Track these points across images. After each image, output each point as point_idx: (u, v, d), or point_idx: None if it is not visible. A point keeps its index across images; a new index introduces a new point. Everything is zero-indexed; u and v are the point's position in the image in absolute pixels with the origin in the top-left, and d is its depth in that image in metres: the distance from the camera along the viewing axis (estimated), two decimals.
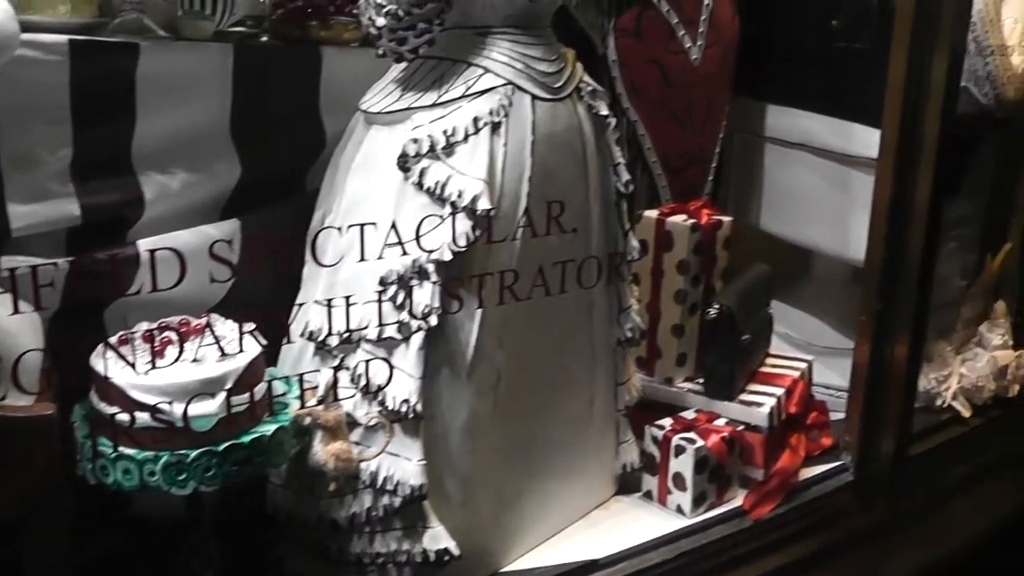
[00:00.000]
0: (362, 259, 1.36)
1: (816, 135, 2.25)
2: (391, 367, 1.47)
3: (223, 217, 1.69)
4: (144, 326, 1.44)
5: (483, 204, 1.45)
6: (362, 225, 1.38)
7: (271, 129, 1.71)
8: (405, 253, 1.43)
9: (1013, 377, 2.51)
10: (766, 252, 2.51)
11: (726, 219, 2.00)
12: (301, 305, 1.59)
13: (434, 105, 1.53)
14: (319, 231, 1.58)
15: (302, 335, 1.55)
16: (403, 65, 1.60)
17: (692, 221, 1.93)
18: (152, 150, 1.63)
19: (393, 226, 1.42)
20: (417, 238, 1.43)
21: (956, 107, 1.95)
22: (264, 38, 1.75)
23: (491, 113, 1.51)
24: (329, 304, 1.43)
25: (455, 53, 1.57)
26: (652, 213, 1.97)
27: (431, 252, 1.45)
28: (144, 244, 1.58)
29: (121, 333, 1.40)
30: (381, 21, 1.50)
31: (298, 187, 1.75)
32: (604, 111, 1.67)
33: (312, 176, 1.76)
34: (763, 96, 2.36)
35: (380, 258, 1.38)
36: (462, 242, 1.45)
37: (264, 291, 1.57)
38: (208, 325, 1.42)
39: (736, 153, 2.44)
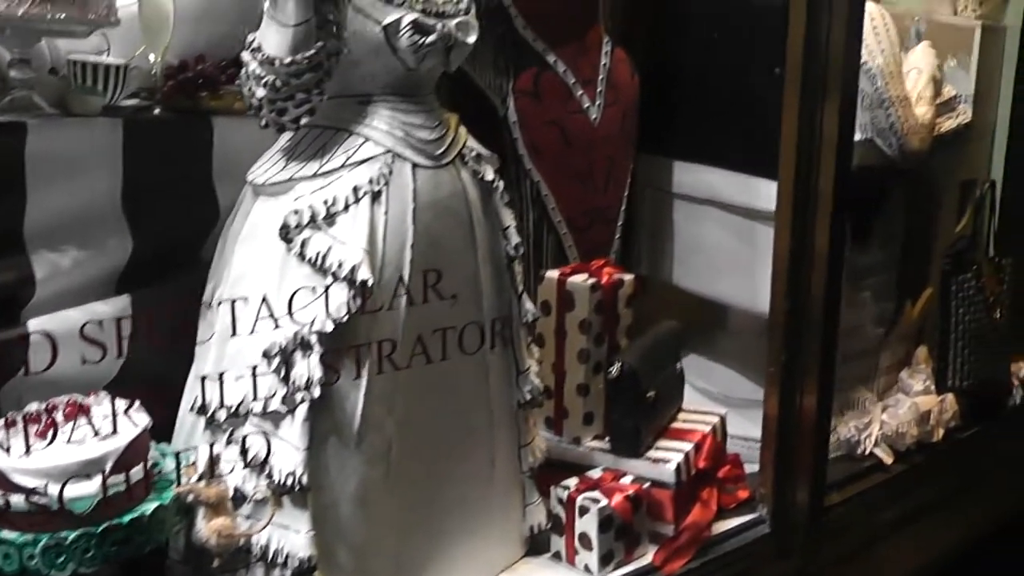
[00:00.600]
0: (252, 331, 1.39)
1: (721, 190, 2.30)
2: (277, 440, 1.49)
3: (117, 292, 1.71)
4: (33, 407, 1.46)
5: (362, 274, 1.49)
6: (245, 299, 1.41)
7: (163, 202, 1.74)
8: (288, 325, 1.45)
9: (936, 422, 2.56)
10: (686, 306, 2.56)
11: (627, 277, 2.04)
12: (195, 379, 1.60)
13: (315, 175, 1.57)
14: (208, 304, 1.60)
15: (191, 409, 1.56)
16: (289, 134, 1.63)
17: (592, 281, 1.97)
18: (43, 228, 1.66)
19: (275, 298, 1.44)
20: (293, 310, 1.45)
21: (851, 158, 2.01)
22: (157, 110, 1.78)
23: (371, 182, 1.55)
24: (218, 377, 1.46)
25: (337, 122, 1.61)
26: (553, 273, 2.01)
27: (313, 323, 1.48)
28: (34, 324, 1.59)
29: (9, 415, 1.42)
30: (260, 92, 1.54)
31: (193, 259, 1.77)
32: (490, 176, 1.71)
33: (208, 247, 1.79)
34: (670, 153, 2.42)
35: (263, 331, 1.40)
36: (342, 313, 1.48)
37: (158, 366, 1.59)
38: (91, 405, 1.44)
39: (647, 209, 2.49)
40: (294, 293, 1.45)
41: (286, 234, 1.53)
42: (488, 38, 2.13)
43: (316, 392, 1.49)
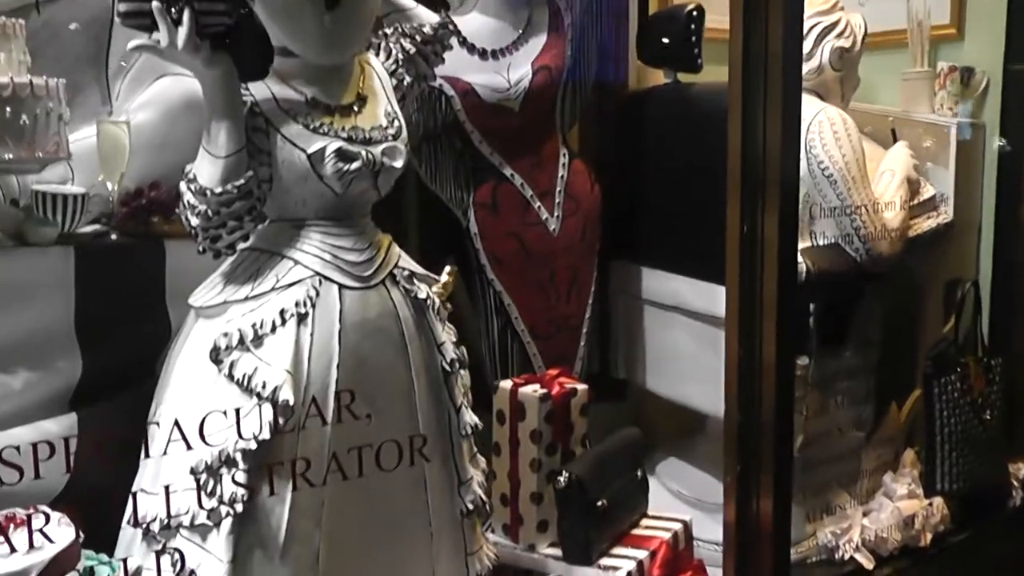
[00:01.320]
0: (186, 448, 1.47)
1: (686, 297, 2.36)
2: (203, 552, 1.56)
3: (70, 411, 1.81)
4: None
5: (284, 395, 1.57)
6: (179, 418, 1.49)
7: (116, 324, 1.84)
8: (215, 443, 1.53)
9: (923, 526, 2.53)
10: (665, 409, 2.60)
11: (580, 387, 2.10)
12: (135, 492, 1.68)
13: (247, 298, 1.66)
14: (149, 422, 1.69)
15: (129, 522, 1.64)
16: (232, 257, 1.73)
17: (543, 391, 2.03)
18: None
19: (206, 417, 1.52)
20: (221, 429, 1.53)
21: (795, 265, 2.06)
22: (113, 236, 1.90)
23: (298, 304, 1.64)
24: (153, 492, 1.54)
25: (272, 245, 1.71)
26: (507, 384, 2.07)
27: (238, 441, 1.55)
28: None
29: None
30: (195, 221, 1.65)
31: (144, 378, 1.86)
32: (423, 294, 1.79)
33: (161, 366, 1.88)
34: (639, 260, 2.48)
35: (194, 449, 1.48)
36: (266, 432, 1.55)
37: (104, 480, 1.67)
38: (29, 518, 1.52)
39: (621, 315, 2.55)
40: (223, 412, 1.53)
41: (216, 356, 1.62)
42: (448, 153, 2.24)
43: (239, 507, 1.56)
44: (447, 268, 2.16)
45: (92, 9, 1.98)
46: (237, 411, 1.52)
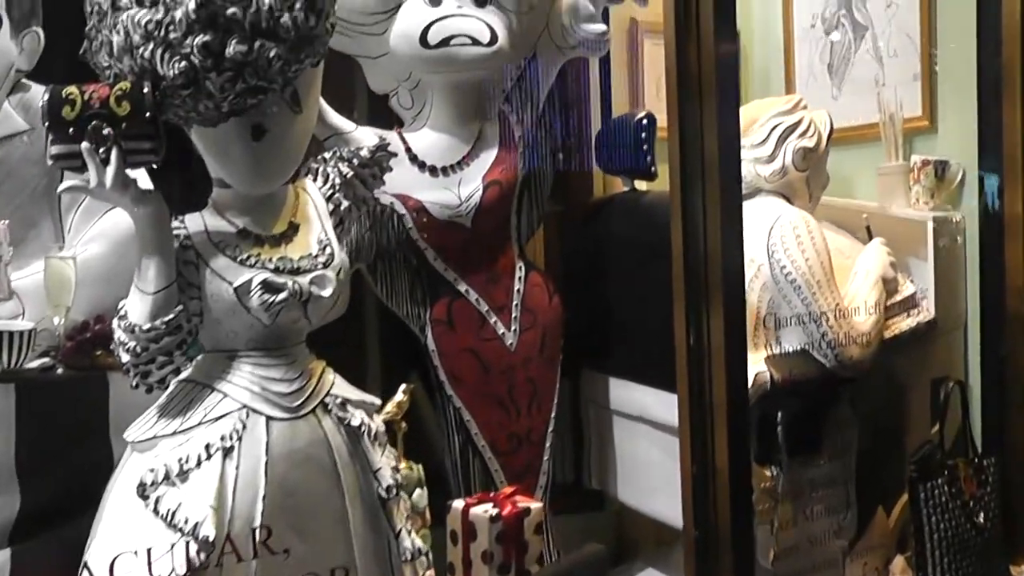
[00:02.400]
0: None
1: (650, 407, 2.37)
2: None
3: (7, 546, 1.83)
4: None
5: (205, 531, 1.58)
6: (110, 553, 1.52)
7: (57, 458, 1.88)
8: None
9: None
10: (646, 520, 2.57)
11: (535, 506, 2.09)
12: None
13: (175, 433, 1.70)
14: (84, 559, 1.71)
15: None
16: (169, 389, 1.76)
17: (494, 511, 2.02)
18: None
19: (134, 552, 1.54)
20: (148, 563, 1.54)
21: (744, 371, 2.06)
22: (59, 369, 1.94)
23: (223, 438, 1.67)
24: None
25: (204, 377, 1.75)
26: (459, 503, 2.08)
27: None
28: None
29: None
30: (125, 357, 1.68)
31: (85, 512, 1.88)
32: (356, 422, 1.80)
33: None
34: (605, 369, 2.48)
35: None
36: (181, 568, 1.56)
37: None
38: None
39: (591, 425, 2.55)
40: (148, 549, 1.55)
41: (143, 491, 1.65)
42: (403, 270, 2.28)
43: None
44: (402, 387, 2.19)
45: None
46: (148, 550, 1.54)
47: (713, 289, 1.96)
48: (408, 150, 2.29)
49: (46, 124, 1.62)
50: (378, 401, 1.92)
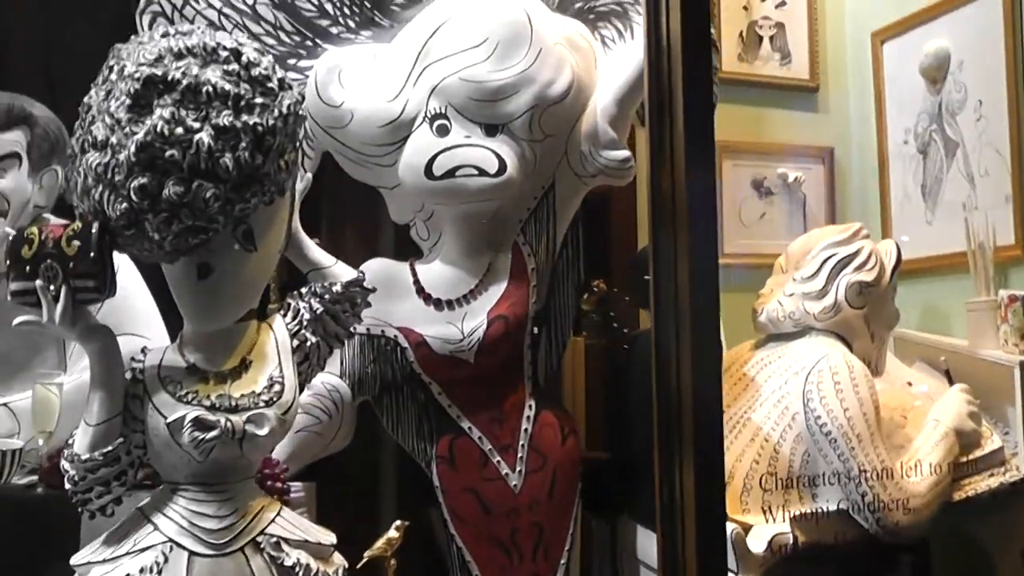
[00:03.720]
0: None
1: None
2: None
3: None
4: None
5: None
6: None
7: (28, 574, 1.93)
8: None
9: None
10: None
11: None
12: None
13: (104, 560, 1.74)
14: None
15: None
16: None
17: None
18: None
19: None
20: None
21: (721, 529, 1.92)
22: (39, 489, 2.02)
23: (143, 571, 1.70)
24: None
25: (148, 507, 1.80)
26: None
27: None
28: None
29: None
30: (67, 485, 1.73)
31: None
32: (290, 561, 1.77)
33: None
34: (636, 517, 2.37)
35: None
36: None
37: None
38: None
39: None
40: None
41: None
42: (410, 404, 2.26)
43: None
44: (396, 523, 2.15)
45: None
46: None
47: (686, 440, 1.82)
48: (416, 282, 2.28)
49: (7, 262, 1.71)
50: (331, 540, 1.87)
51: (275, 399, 1.82)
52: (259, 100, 1.78)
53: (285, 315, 1.96)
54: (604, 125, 2.28)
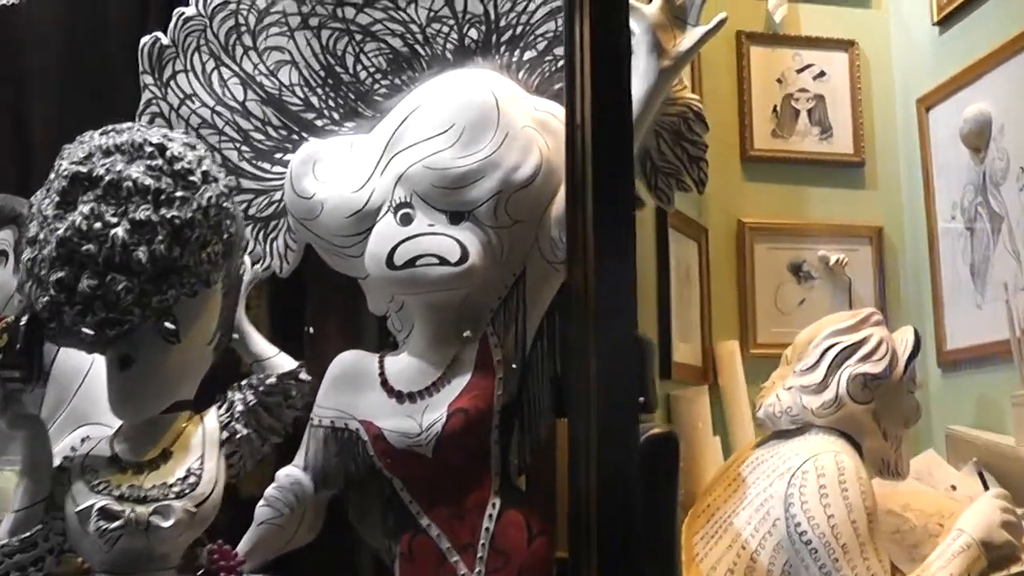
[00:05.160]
0: None
1: None
2: None
3: None
4: None
5: None
6: None
7: None
8: None
9: None
10: None
11: None
12: None
13: None
14: None
15: None
16: None
17: None
18: None
19: None
20: None
21: None
22: None
23: None
24: None
25: None
26: None
27: None
28: None
29: None
30: None
31: None
32: None
33: None
34: None
35: None
36: None
37: None
38: None
39: None
40: None
41: None
42: (376, 499, 2.23)
43: None
44: None
45: None
46: None
47: (592, 545, 1.69)
48: (382, 374, 2.25)
49: None
50: None
51: (187, 491, 1.84)
52: (179, 193, 1.83)
53: (220, 407, 1.98)
54: None
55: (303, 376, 2.04)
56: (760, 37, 3.06)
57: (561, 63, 2.34)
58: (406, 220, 2.21)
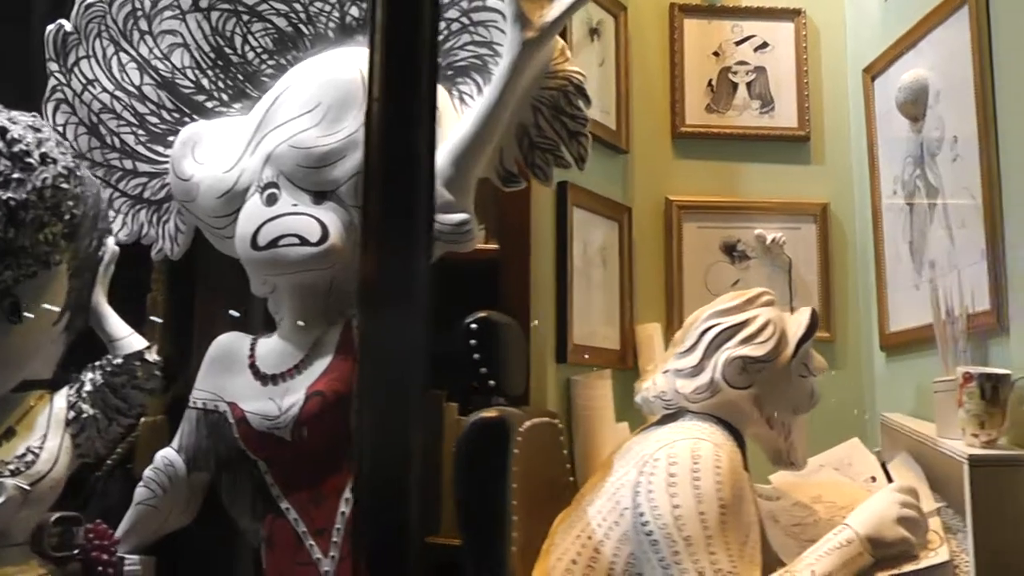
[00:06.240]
0: None
1: None
2: None
3: None
4: None
5: None
6: None
7: None
8: None
9: None
10: None
11: None
12: None
13: None
14: None
15: None
16: None
17: None
18: None
19: None
20: None
21: None
22: None
23: None
24: None
25: None
26: None
27: None
28: None
29: None
30: None
31: None
32: None
33: None
34: None
35: None
36: None
37: None
38: None
39: None
40: None
41: None
42: (247, 482, 2.22)
43: None
44: None
45: None
46: None
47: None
48: (251, 356, 2.23)
49: None
50: None
51: (22, 469, 1.87)
52: (16, 175, 1.86)
53: (71, 387, 2.00)
54: (439, 187, 2.12)
55: (149, 357, 2.05)
56: (695, 9, 2.86)
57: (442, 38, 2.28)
58: (271, 200, 2.18)
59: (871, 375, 2.79)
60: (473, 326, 2.11)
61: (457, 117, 2.24)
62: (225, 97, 2.40)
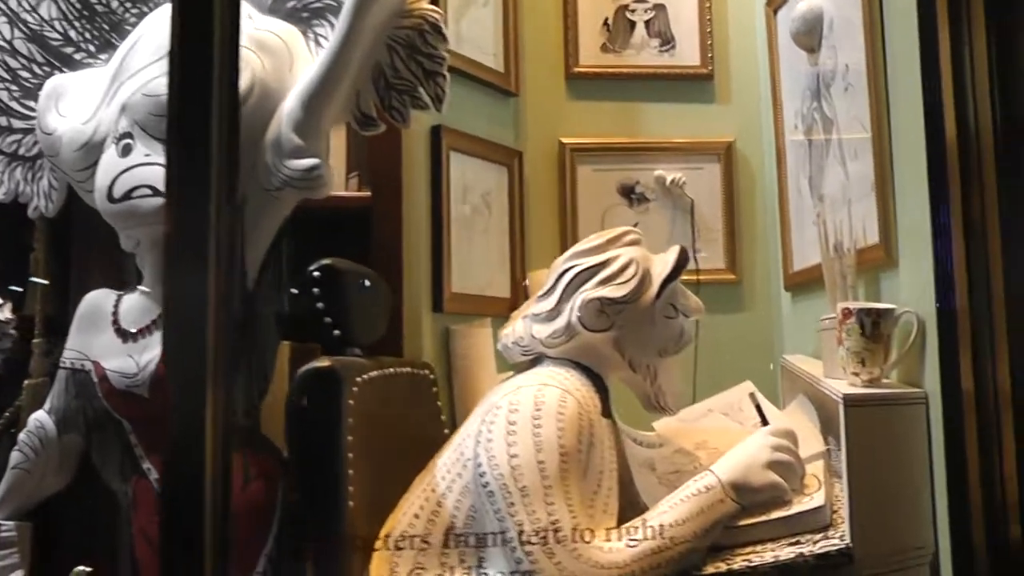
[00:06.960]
0: None
1: None
2: None
3: None
4: None
5: None
6: None
7: None
8: None
9: None
10: None
11: None
12: None
13: None
14: None
15: None
16: None
17: None
18: None
19: None
20: None
21: None
22: None
23: None
24: None
25: None
26: None
27: None
28: None
29: None
30: None
31: None
32: None
33: None
34: None
35: None
36: None
37: None
38: None
39: None
40: None
41: None
42: (116, 442, 2.17)
43: None
44: (76, 570, 2.07)
45: None
46: None
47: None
48: (114, 313, 2.17)
49: None
50: None
51: None
52: None
53: None
54: (288, 132, 2.05)
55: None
56: None
57: None
58: (126, 151, 2.12)
59: (779, 316, 2.66)
60: (316, 274, 2.03)
61: (312, 60, 2.16)
62: (92, 48, 2.34)
